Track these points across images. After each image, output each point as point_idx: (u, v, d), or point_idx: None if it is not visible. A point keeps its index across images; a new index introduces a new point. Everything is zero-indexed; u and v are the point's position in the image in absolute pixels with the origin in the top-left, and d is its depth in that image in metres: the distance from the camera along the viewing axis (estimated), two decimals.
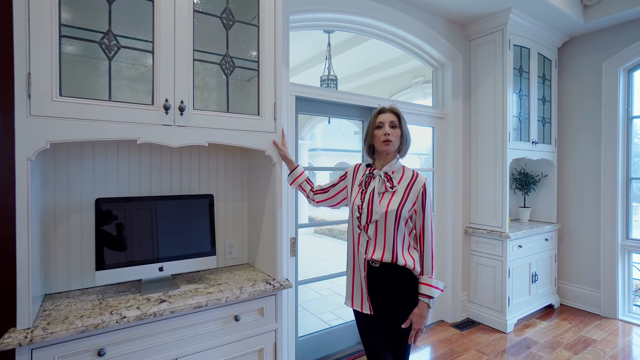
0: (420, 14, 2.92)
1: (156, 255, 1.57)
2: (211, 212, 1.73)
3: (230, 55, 1.63)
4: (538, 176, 3.66)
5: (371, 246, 1.51)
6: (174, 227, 1.62)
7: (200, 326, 1.51)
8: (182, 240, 1.64)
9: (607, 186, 3.34)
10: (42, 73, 1.20)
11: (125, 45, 1.39)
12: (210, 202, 1.72)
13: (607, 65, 3.34)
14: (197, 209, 1.69)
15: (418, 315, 1.47)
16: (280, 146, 1.73)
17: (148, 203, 1.58)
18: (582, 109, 3.52)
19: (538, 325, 3.20)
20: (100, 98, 1.32)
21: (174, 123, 1.45)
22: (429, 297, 1.46)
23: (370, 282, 1.53)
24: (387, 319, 1.54)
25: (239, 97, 1.82)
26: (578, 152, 3.56)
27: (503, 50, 3.02)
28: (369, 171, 1.59)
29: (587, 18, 3.18)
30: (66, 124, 1.24)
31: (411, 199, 1.50)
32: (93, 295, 1.51)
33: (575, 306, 3.58)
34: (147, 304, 1.41)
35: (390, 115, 1.56)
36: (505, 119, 3.02)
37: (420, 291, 1.49)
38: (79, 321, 1.25)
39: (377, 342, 1.54)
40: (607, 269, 3.36)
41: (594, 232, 3.45)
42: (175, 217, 1.63)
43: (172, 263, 1.60)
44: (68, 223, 1.57)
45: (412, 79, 5.29)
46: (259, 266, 1.94)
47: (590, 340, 2.89)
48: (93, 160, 1.63)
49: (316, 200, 1.75)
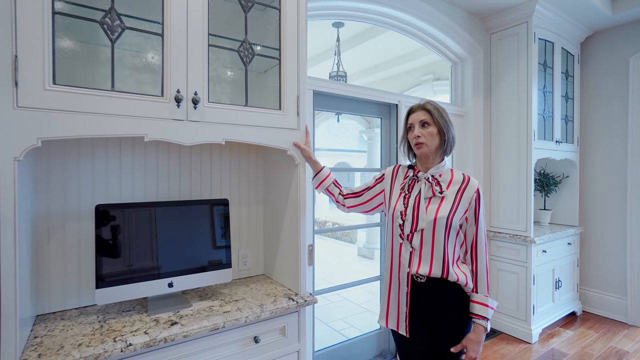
0: (442, 5, 2.74)
1: (164, 270, 1.37)
2: (226, 219, 1.53)
3: (249, 42, 1.43)
4: (559, 177, 3.49)
5: (416, 258, 1.32)
6: (184, 237, 1.43)
7: (216, 350, 1.32)
8: (194, 252, 1.44)
9: (635, 187, 3.18)
10: (32, 56, 1.00)
11: (130, 27, 1.19)
12: (225, 208, 1.53)
13: (635, 60, 3.17)
14: (210, 215, 1.49)
15: (475, 341, 1.28)
16: (304, 146, 1.54)
17: (154, 210, 1.38)
18: (607, 106, 3.35)
19: (563, 334, 3.03)
20: (102, 88, 1.12)
21: (187, 118, 1.26)
22: (485, 319, 1.28)
23: (414, 299, 1.34)
24: (430, 342, 1.36)
25: (254, 91, 1.63)
26: (602, 151, 3.39)
27: (528, 44, 2.85)
28: (413, 173, 1.40)
29: (616, 10, 3.01)
30: (61, 118, 1.04)
31: (463, 206, 1.31)
32: (93, 316, 1.31)
33: (600, 313, 3.41)
34: (156, 327, 1.21)
35: (420, 114, 1.36)
36: (530, 117, 2.85)
37: (475, 311, 1.30)
38: (76, 352, 1.05)
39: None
40: (635, 274, 3.19)
41: (620, 235, 3.28)
42: (185, 226, 1.44)
43: (182, 278, 1.41)
44: (64, 233, 1.37)
45: (421, 76, 5.11)
46: (277, 278, 1.75)
47: (623, 352, 2.71)
48: (92, 161, 1.43)
49: (347, 205, 1.55)
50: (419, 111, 1.38)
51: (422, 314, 1.34)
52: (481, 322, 1.28)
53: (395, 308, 1.38)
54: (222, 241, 1.51)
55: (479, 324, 1.29)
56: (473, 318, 1.30)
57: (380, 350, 2.61)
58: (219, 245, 1.50)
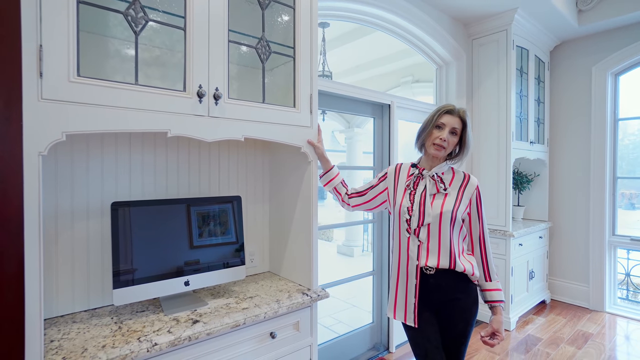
0: (429, 9, 2.86)
1: (181, 267, 1.35)
2: (239, 216, 1.53)
3: (266, 39, 1.44)
4: (531, 175, 3.75)
5: (424, 251, 1.39)
6: (198, 234, 1.41)
7: (235, 347, 1.32)
8: (209, 249, 1.43)
9: (596, 185, 3.49)
10: (57, 46, 0.96)
11: (154, 19, 1.16)
12: (239, 205, 1.52)
13: (596, 69, 3.47)
14: (224, 212, 1.48)
15: (499, 321, 1.41)
16: (317, 144, 1.57)
17: (172, 207, 1.35)
18: (573, 110, 3.65)
19: (536, 321, 3.27)
20: (125, 81, 1.09)
21: (208, 113, 1.25)
22: (501, 302, 1.41)
23: (423, 291, 1.41)
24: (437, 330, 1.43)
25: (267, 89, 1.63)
26: (568, 152, 3.68)
27: (507, 51, 3.04)
28: (417, 171, 1.47)
29: (581, 22, 3.29)
30: (85, 112, 1.00)
31: (464, 202, 1.41)
32: (106, 318, 1.27)
33: (565, 301, 3.71)
34: (178, 326, 1.19)
35: (456, 121, 1.40)
36: (510, 119, 3.05)
37: (494, 298, 1.42)
38: (102, 353, 1.02)
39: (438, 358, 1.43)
40: (596, 264, 3.50)
41: (584, 229, 3.59)
42: (200, 222, 1.42)
43: (198, 276, 1.39)
44: (72, 232, 1.31)
45: (400, 77, 5.27)
46: (285, 275, 1.76)
47: (588, 334, 2.98)
48: (101, 158, 1.37)
49: (352, 205, 1.60)
50: (456, 117, 1.41)
51: (431, 303, 1.41)
52: (501, 305, 1.41)
53: (403, 300, 1.45)
54: (235, 238, 1.51)
55: (499, 307, 1.41)
56: (492, 303, 1.42)
57: (373, 343, 2.69)
58: (232, 242, 1.49)
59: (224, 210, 1.48)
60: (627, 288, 3.58)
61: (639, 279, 3.52)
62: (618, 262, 3.56)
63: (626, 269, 3.59)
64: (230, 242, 1.49)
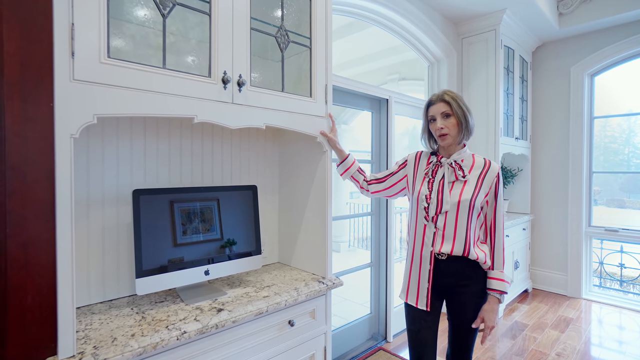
0: (422, 6, 2.93)
1: (202, 256, 1.33)
2: (255, 206, 1.52)
3: (285, 28, 1.44)
4: (515, 170, 3.93)
5: (439, 238, 1.43)
6: (217, 223, 1.40)
7: (257, 335, 1.32)
8: (236, 238, 1.42)
9: (574, 179, 3.70)
10: (89, 25, 0.93)
11: (180, 2, 1.14)
12: (254, 195, 1.52)
13: (574, 70, 3.68)
14: (241, 202, 1.47)
15: (490, 311, 1.40)
16: (330, 135, 1.58)
17: (192, 194, 1.33)
18: (553, 109, 3.85)
19: (521, 308, 3.44)
20: (153, 64, 1.06)
21: (232, 100, 1.24)
22: (501, 293, 1.41)
23: (436, 276, 1.46)
24: (451, 315, 1.49)
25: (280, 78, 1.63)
26: (549, 148, 3.89)
27: (495, 50, 3.17)
28: (436, 159, 1.51)
29: (562, 25, 3.47)
30: (116, 94, 0.98)
31: (484, 189, 1.43)
32: (126, 309, 1.23)
33: (546, 289, 3.92)
34: (203, 314, 1.18)
35: (441, 106, 1.45)
36: (498, 115, 3.18)
37: (491, 286, 1.42)
38: (133, 342, 1.00)
39: (428, 338, 1.47)
40: (574, 254, 3.72)
41: (562, 221, 3.80)
42: (218, 211, 1.41)
43: (217, 265, 1.38)
44: (87, 222, 1.26)
45: (387, 75, 5.36)
46: (296, 264, 1.77)
47: (569, 319, 3.17)
48: (117, 146, 1.33)
49: (371, 191, 1.63)
50: (438, 103, 1.46)
51: (442, 288, 1.46)
52: (496, 295, 1.41)
53: (416, 284, 1.48)
54: (252, 228, 1.50)
55: (494, 297, 1.41)
56: (489, 292, 1.42)
57: (372, 333, 2.74)
58: (249, 231, 1.49)
59: (244, 199, 1.48)
60: (601, 276, 3.83)
61: (611, 267, 3.77)
62: (593, 252, 3.80)
63: (600, 257, 3.84)
64: (248, 231, 1.49)
